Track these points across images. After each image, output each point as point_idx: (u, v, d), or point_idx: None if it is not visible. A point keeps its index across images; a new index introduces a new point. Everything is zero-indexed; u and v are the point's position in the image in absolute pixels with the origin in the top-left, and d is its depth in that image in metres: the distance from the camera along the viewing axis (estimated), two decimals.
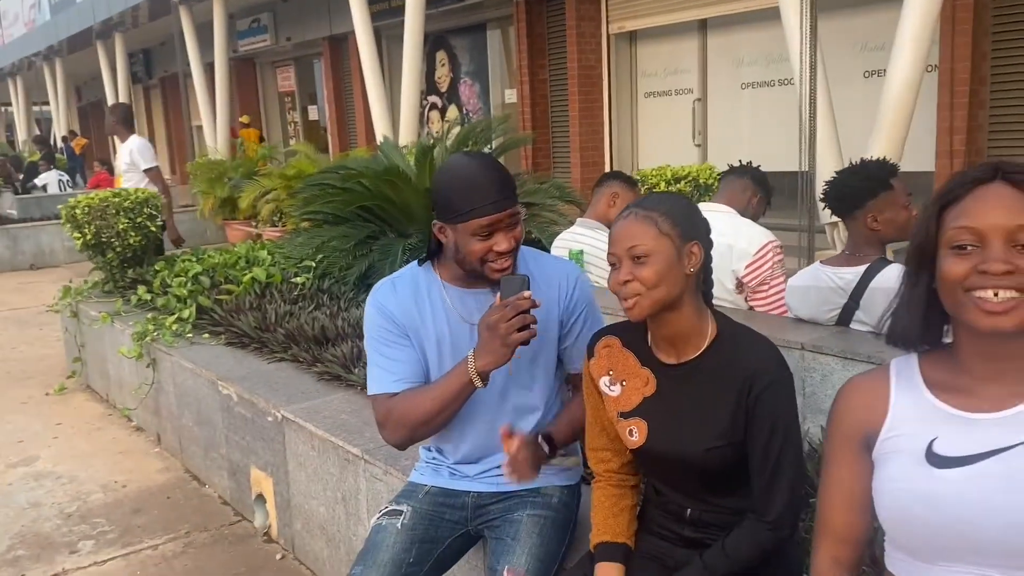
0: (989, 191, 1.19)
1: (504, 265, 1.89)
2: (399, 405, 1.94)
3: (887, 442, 1.28)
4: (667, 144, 10.30)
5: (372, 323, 2.02)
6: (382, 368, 1.99)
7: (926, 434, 1.24)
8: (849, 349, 2.33)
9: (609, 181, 3.72)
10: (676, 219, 1.62)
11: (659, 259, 1.58)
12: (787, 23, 5.59)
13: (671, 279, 1.59)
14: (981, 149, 7.15)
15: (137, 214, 5.49)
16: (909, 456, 1.24)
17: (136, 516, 3.83)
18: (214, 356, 4.12)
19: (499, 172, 1.88)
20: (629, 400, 1.74)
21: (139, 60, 22.84)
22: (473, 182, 1.84)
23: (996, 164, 1.21)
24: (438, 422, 1.94)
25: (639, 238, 1.59)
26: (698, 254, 1.63)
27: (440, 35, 13.23)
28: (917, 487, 1.21)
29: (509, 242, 1.88)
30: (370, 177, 5.21)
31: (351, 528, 2.93)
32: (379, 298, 2.03)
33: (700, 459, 1.66)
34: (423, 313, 2.00)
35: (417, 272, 2.06)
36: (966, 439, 1.20)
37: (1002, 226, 1.16)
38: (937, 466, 1.21)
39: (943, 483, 1.19)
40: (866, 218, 2.50)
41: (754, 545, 1.63)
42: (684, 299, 1.64)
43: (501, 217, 1.85)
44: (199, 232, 11.13)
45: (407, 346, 1.99)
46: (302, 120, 18.31)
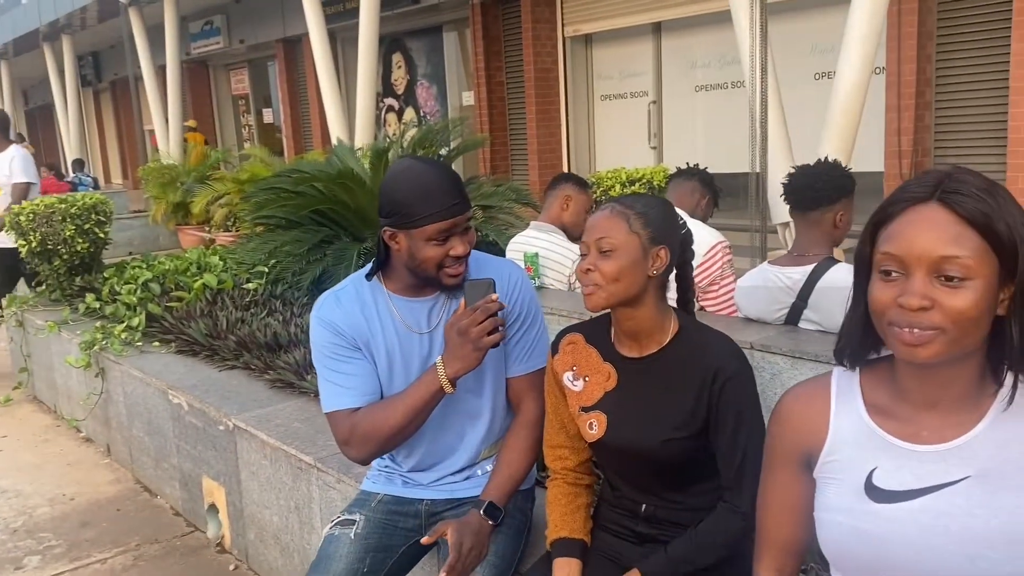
0: (921, 214, 1.10)
1: (459, 270, 1.89)
2: (364, 421, 1.89)
3: (826, 465, 1.24)
4: (623, 146, 10.37)
5: (320, 338, 1.96)
6: (337, 384, 1.94)
7: (865, 463, 1.19)
8: (798, 348, 2.35)
9: (561, 184, 3.73)
10: (649, 220, 1.67)
11: (623, 256, 1.64)
12: (738, 25, 5.65)
13: (631, 277, 1.64)
14: (928, 149, 7.30)
15: (85, 220, 5.37)
16: (848, 486, 1.20)
17: (84, 529, 3.74)
18: (164, 364, 4.04)
19: (452, 177, 1.87)
20: (591, 395, 1.77)
21: (88, 63, 22.40)
22: (429, 187, 1.82)
23: (938, 180, 1.12)
24: (407, 433, 1.91)
25: (608, 232, 1.65)
26: (664, 258, 1.67)
27: (396, 37, 13.17)
28: (855, 523, 1.17)
29: (465, 246, 1.87)
30: (324, 180, 5.16)
31: (305, 537, 2.89)
32: (324, 313, 1.98)
33: (656, 451, 1.68)
34: (372, 325, 1.97)
35: (360, 285, 2.01)
36: (905, 472, 1.16)
37: (926, 256, 1.08)
38: (876, 500, 1.17)
39: (881, 519, 1.16)
40: (835, 216, 2.53)
41: (726, 533, 1.65)
42: (646, 298, 1.68)
43: (458, 221, 1.84)
44: (151, 238, 10.92)
45: (360, 359, 1.95)
46: (256, 123, 18.11)
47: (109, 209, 5.60)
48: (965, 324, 1.08)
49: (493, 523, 1.92)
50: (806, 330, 2.54)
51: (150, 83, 13.91)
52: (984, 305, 1.08)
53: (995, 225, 1.07)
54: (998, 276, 1.08)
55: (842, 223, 2.56)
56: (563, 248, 3.53)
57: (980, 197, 1.08)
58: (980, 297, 1.07)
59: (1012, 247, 1.08)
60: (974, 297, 1.07)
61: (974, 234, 1.08)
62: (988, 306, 1.08)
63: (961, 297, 1.07)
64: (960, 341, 1.10)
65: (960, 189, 1.09)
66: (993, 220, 1.07)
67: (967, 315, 1.07)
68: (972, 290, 1.07)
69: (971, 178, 1.11)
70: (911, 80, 7.10)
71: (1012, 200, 1.11)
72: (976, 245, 1.07)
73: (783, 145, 5.63)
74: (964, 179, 1.11)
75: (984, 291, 1.08)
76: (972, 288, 1.07)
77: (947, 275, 1.07)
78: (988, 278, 1.08)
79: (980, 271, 1.07)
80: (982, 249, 1.08)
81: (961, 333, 1.09)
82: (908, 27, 7.00)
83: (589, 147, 11.00)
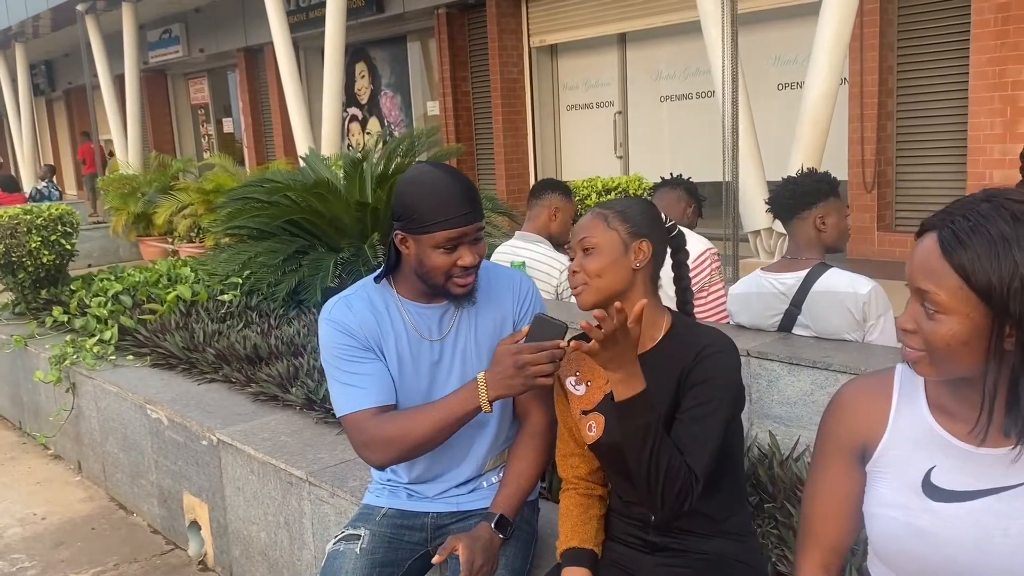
0: (920, 245, 1.14)
1: (467, 281, 1.87)
2: (389, 426, 1.85)
3: (882, 459, 1.24)
4: (590, 156, 10.44)
5: (331, 341, 1.92)
6: (352, 386, 1.90)
7: (924, 461, 1.20)
8: (795, 355, 2.38)
9: (548, 194, 3.70)
10: (628, 217, 1.73)
11: (604, 252, 1.69)
12: (708, 36, 5.72)
13: (615, 271, 1.69)
14: (890, 158, 7.46)
15: (51, 232, 5.24)
16: (905, 483, 1.21)
17: (58, 550, 3.64)
18: (140, 378, 3.95)
19: (467, 185, 1.85)
20: (592, 398, 1.79)
21: (41, 71, 21.94)
22: (444, 193, 1.80)
23: (954, 209, 1.12)
24: (434, 444, 1.87)
25: (589, 231, 1.72)
26: (646, 251, 1.71)
27: (359, 47, 13.11)
28: (911, 519, 1.18)
29: (474, 256, 1.84)
30: (297, 190, 5.10)
31: (295, 553, 2.84)
32: (335, 315, 1.94)
33: None
34: (383, 329, 1.94)
35: (371, 289, 1.98)
36: (965, 473, 1.16)
37: (912, 284, 1.14)
38: (934, 498, 1.18)
39: (939, 518, 1.16)
40: (815, 218, 2.58)
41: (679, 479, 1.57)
42: (633, 292, 1.70)
43: (468, 231, 1.82)
44: (111, 250, 10.71)
45: (374, 359, 1.92)
46: (217, 133, 17.88)
47: (76, 220, 5.48)
48: (945, 351, 1.11)
49: (503, 537, 1.91)
50: (801, 336, 2.57)
51: (107, 92, 13.67)
52: (964, 339, 1.09)
53: (972, 277, 1.07)
54: (988, 315, 1.08)
55: (826, 226, 2.60)
56: (550, 258, 3.53)
57: (966, 243, 1.08)
58: (959, 331, 1.09)
59: (1000, 298, 1.06)
60: (949, 331, 1.10)
61: (953, 274, 1.09)
62: (971, 340, 1.09)
63: (937, 327, 1.11)
64: (947, 366, 1.13)
65: (959, 228, 1.09)
66: (971, 272, 1.07)
67: (944, 345, 1.10)
68: (947, 324, 1.10)
69: (983, 216, 1.09)
70: (873, 91, 7.26)
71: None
72: (952, 285, 1.09)
73: (753, 154, 5.71)
74: (973, 215, 1.10)
75: (964, 326, 1.09)
76: (947, 322, 1.10)
77: (925, 304, 1.12)
78: (969, 315, 1.08)
79: (957, 308, 1.09)
80: (958, 289, 1.08)
81: (944, 358, 1.12)
82: (870, 39, 7.16)
83: (556, 157, 11.05)
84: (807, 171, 2.76)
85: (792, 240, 2.66)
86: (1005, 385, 1.10)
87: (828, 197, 2.61)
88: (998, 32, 6.45)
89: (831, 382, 2.33)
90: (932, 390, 1.23)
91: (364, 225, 4.91)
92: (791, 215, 2.62)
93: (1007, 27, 6.39)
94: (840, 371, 2.30)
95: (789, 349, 2.43)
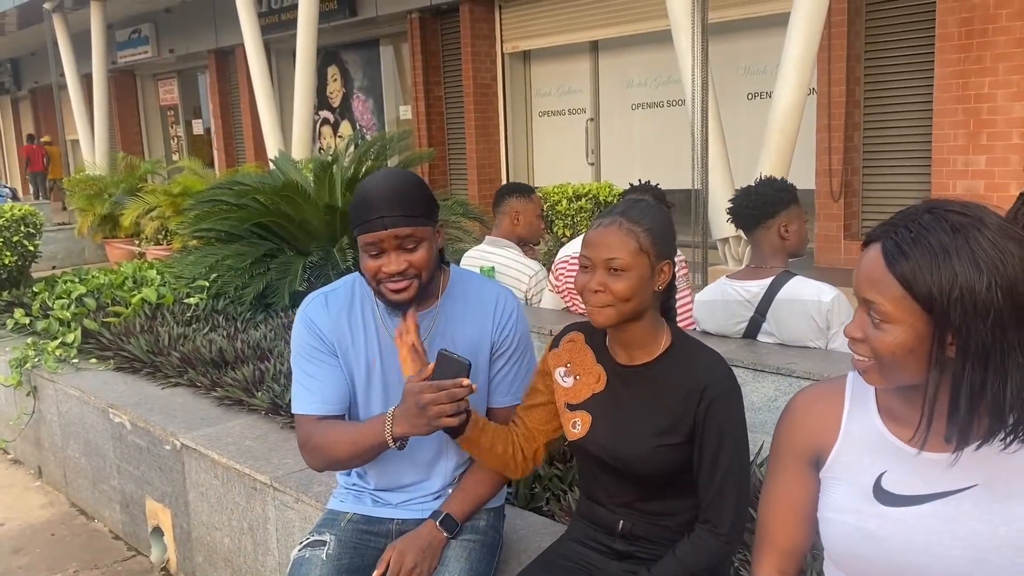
0: (866, 255, 1.17)
1: (399, 287, 1.79)
2: (317, 435, 1.87)
3: (835, 466, 1.26)
4: (562, 162, 10.46)
5: (298, 337, 1.95)
6: (305, 387, 1.93)
7: (875, 466, 1.22)
8: (759, 361, 2.40)
9: (506, 199, 3.74)
10: (656, 237, 1.63)
11: (634, 275, 1.60)
12: (679, 45, 5.77)
13: (641, 294, 1.62)
14: (857, 168, 7.56)
15: (13, 232, 5.16)
16: (857, 488, 1.22)
17: (17, 556, 3.57)
18: (103, 382, 3.90)
19: (400, 190, 1.76)
20: (579, 393, 1.77)
21: (6, 70, 21.60)
22: (368, 196, 1.76)
23: (897, 221, 1.15)
24: (353, 464, 1.90)
25: (619, 251, 1.60)
26: (668, 272, 1.66)
27: (331, 50, 13.05)
28: (863, 523, 1.20)
29: (398, 264, 1.77)
30: (266, 193, 5.07)
31: (259, 559, 2.81)
32: (309, 312, 1.95)
33: (636, 459, 1.68)
34: (355, 332, 1.94)
35: (355, 285, 1.98)
36: (914, 477, 1.19)
37: (858, 293, 1.16)
38: (884, 503, 1.20)
39: (889, 522, 1.18)
40: (779, 227, 2.60)
41: (710, 555, 1.64)
42: (647, 312, 1.68)
43: (384, 236, 1.75)
44: (76, 251, 10.56)
45: (332, 365, 1.93)
46: (186, 134, 17.70)
47: (39, 221, 5.40)
48: (891, 359, 1.13)
49: (448, 535, 1.89)
50: (766, 343, 2.59)
51: (74, 92, 13.48)
52: (909, 347, 1.11)
53: (914, 287, 1.09)
54: (930, 323, 1.10)
55: (789, 233, 2.63)
56: (519, 263, 3.54)
57: (908, 254, 1.10)
58: (903, 340, 1.11)
59: (941, 307, 1.08)
60: (894, 339, 1.12)
61: (896, 284, 1.11)
62: (915, 348, 1.11)
63: (883, 336, 1.13)
64: (894, 374, 1.15)
65: (901, 239, 1.12)
66: (912, 282, 1.10)
67: (889, 353, 1.13)
68: (892, 333, 1.12)
69: (924, 227, 1.11)
70: (841, 101, 7.36)
71: (967, 257, 1.08)
72: (896, 294, 1.11)
73: (722, 163, 5.77)
74: (915, 226, 1.12)
75: (908, 335, 1.11)
76: (892, 331, 1.12)
77: (871, 313, 1.14)
78: (913, 324, 1.10)
79: (901, 317, 1.11)
80: (901, 299, 1.11)
81: (890, 367, 1.14)
82: (837, 50, 7.26)
83: (528, 162, 11.07)
84: (766, 179, 2.77)
85: (756, 248, 2.69)
86: (946, 392, 1.12)
87: (790, 205, 2.65)
88: (961, 46, 6.57)
89: (794, 388, 2.36)
90: (882, 397, 1.26)
91: (333, 229, 4.89)
92: (755, 224, 2.65)
93: (970, 41, 6.51)
94: (803, 377, 2.33)
95: (753, 356, 2.45)
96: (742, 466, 1.65)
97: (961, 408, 1.10)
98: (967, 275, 1.07)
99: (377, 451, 1.82)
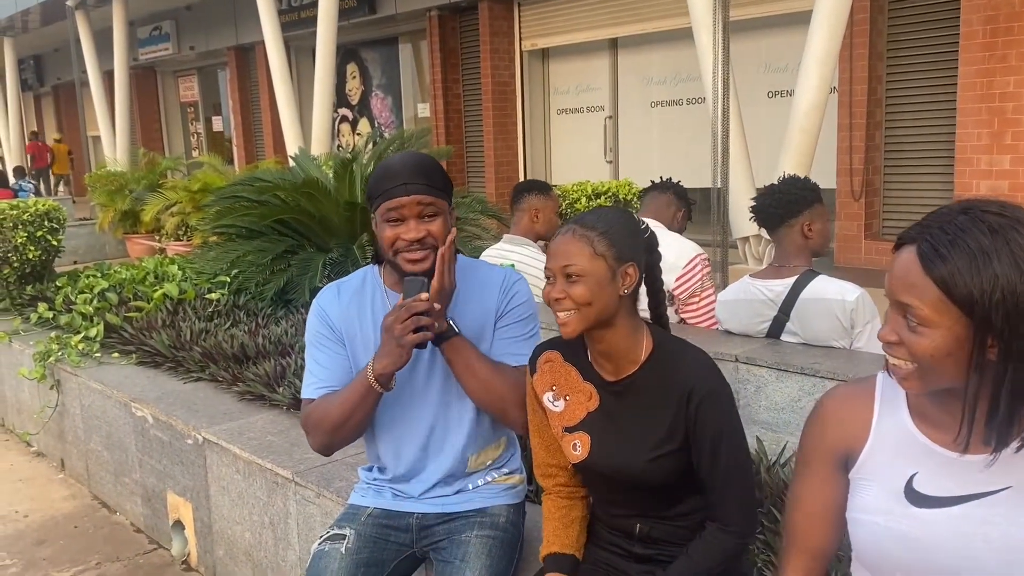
0: (900, 258, 1.15)
1: (416, 257, 1.84)
2: (315, 411, 1.94)
3: (866, 466, 1.25)
4: (580, 160, 10.45)
5: (310, 325, 2.03)
6: (311, 373, 2.00)
7: (906, 467, 1.21)
8: (782, 361, 2.38)
9: (525, 197, 3.73)
10: (613, 239, 1.61)
11: (591, 280, 1.59)
12: (699, 43, 5.74)
13: (603, 299, 1.59)
14: (878, 168, 7.51)
15: (37, 227, 5.21)
16: (887, 489, 1.21)
17: (40, 548, 3.61)
18: (125, 376, 3.93)
19: (420, 162, 1.86)
20: (573, 415, 1.74)
21: (29, 66, 21.78)
22: (389, 167, 1.85)
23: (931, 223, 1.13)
24: (349, 427, 1.91)
25: (573, 257, 1.59)
26: (633, 275, 1.63)
27: (351, 48, 13.09)
28: (893, 525, 1.19)
29: (418, 231, 1.82)
30: (287, 190, 5.08)
31: (280, 553, 2.83)
32: (321, 302, 2.03)
33: (641, 472, 1.67)
34: (363, 321, 1.98)
35: (369, 276, 2.04)
36: (947, 479, 1.18)
37: (892, 297, 1.14)
38: (916, 504, 1.19)
39: (921, 523, 1.17)
40: (803, 226, 2.59)
41: (724, 553, 1.64)
42: (618, 318, 1.64)
43: (406, 202, 1.82)
44: (98, 246, 10.65)
45: (338, 353, 1.98)
46: (206, 131, 17.81)
47: (62, 216, 5.45)
48: (929, 363, 1.12)
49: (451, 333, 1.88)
50: (789, 343, 2.58)
51: (96, 88, 13.60)
52: (948, 350, 1.10)
53: (954, 291, 1.08)
54: (970, 326, 1.08)
55: (813, 232, 2.62)
56: (537, 260, 3.53)
57: (946, 257, 1.08)
58: (941, 343, 1.10)
59: (982, 310, 1.06)
60: (932, 343, 1.10)
61: (934, 287, 1.09)
62: (954, 351, 1.10)
63: (920, 340, 1.11)
64: (932, 378, 1.13)
65: (937, 241, 1.10)
66: (952, 285, 1.08)
67: (928, 357, 1.11)
68: (930, 337, 1.10)
69: (961, 228, 1.09)
70: (862, 100, 7.30)
71: (1007, 259, 1.06)
72: (934, 298, 1.09)
73: (743, 161, 5.73)
74: (952, 228, 1.10)
75: (947, 339, 1.09)
76: (930, 335, 1.10)
77: (908, 317, 1.12)
78: (951, 328, 1.09)
79: (940, 321, 1.09)
80: (939, 302, 1.09)
81: (929, 371, 1.12)
82: (859, 48, 7.21)
83: (545, 160, 11.06)
84: (789, 178, 2.75)
85: (779, 247, 2.67)
86: (987, 396, 1.11)
87: (813, 204, 2.63)
88: (986, 44, 6.50)
89: (818, 388, 2.34)
90: (913, 399, 1.24)
91: (353, 225, 4.90)
92: (778, 223, 2.63)
93: (995, 39, 6.45)
94: (827, 377, 2.32)
95: (777, 355, 2.44)
96: (742, 460, 1.64)
97: (1001, 410, 1.09)
98: (1008, 277, 1.06)
99: (367, 403, 1.86)
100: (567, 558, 1.79)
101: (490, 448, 2.07)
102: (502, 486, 2.10)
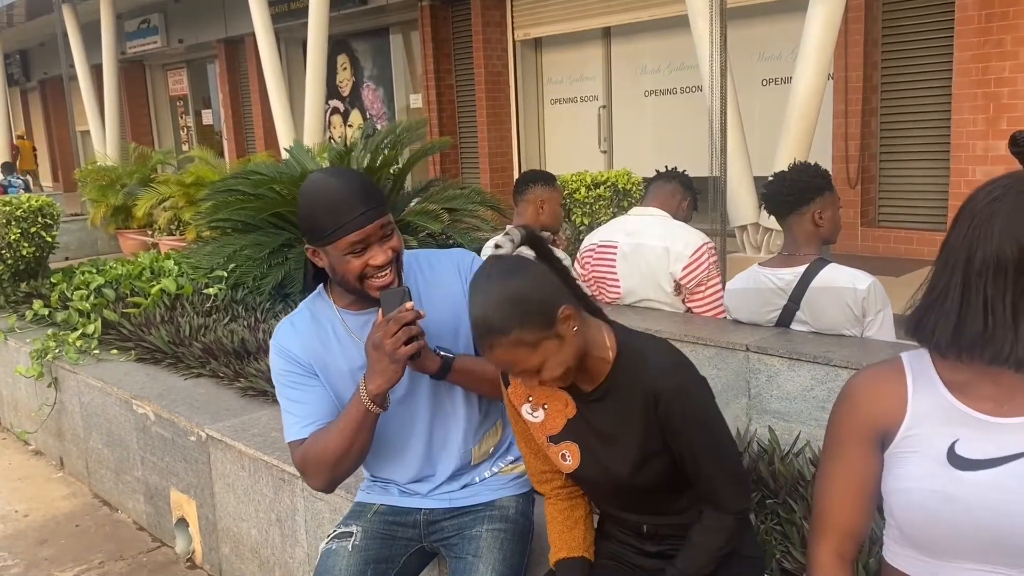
0: None
1: (384, 279, 1.79)
2: (311, 450, 1.83)
3: (905, 441, 1.26)
4: (574, 150, 10.42)
5: (276, 368, 1.92)
6: (291, 414, 1.89)
7: (946, 435, 1.22)
8: (794, 350, 2.37)
9: (531, 187, 3.68)
10: (531, 317, 1.48)
11: (548, 354, 1.52)
12: (696, 30, 5.71)
13: (567, 354, 1.53)
14: (874, 154, 7.51)
15: (31, 224, 5.15)
16: (930, 457, 1.22)
17: (42, 547, 3.58)
18: (125, 373, 3.89)
19: (362, 183, 1.77)
20: (554, 423, 1.70)
21: (15, 61, 21.60)
22: (336, 199, 1.73)
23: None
24: (353, 455, 1.83)
25: (523, 362, 1.52)
26: (573, 314, 1.53)
27: (341, 39, 13.01)
28: (938, 487, 1.20)
29: (385, 254, 1.77)
30: (283, 183, 5.04)
31: (287, 551, 2.81)
32: (279, 341, 1.92)
33: (631, 476, 1.64)
34: (329, 348, 1.90)
35: (318, 303, 1.95)
36: (988, 442, 1.19)
37: None
38: (960, 468, 1.20)
39: (964, 485, 1.19)
40: (814, 214, 2.56)
41: (724, 531, 1.62)
42: (589, 346, 1.60)
43: (371, 230, 1.74)
44: (90, 242, 10.56)
45: (313, 386, 1.89)
46: (196, 125, 17.70)
47: (56, 212, 5.39)
48: None
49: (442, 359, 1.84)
50: (800, 332, 2.56)
51: (84, 83, 13.48)
52: None
53: None
54: None
55: (824, 220, 2.59)
56: None
57: None
58: None
59: None
60: None
61: None
62: None
63: None
64: None
65: None
66: None
67: None
68: None
69: None
70: (858, 86, 7.30)
71: None
72: None
73: (740, 149, 5.72)
74: None
75: None
76: None
77: None
78: None
79: None
80: None
81: None
82: (855, 35, 7.19)
83: (539, 150, 11.03)
84: (799, 165, 2.71)
85: (789, 235, 2.65)
86: None
87: (824, 191, 2.60)
88: (981, 29, 6.50)
89: (831, 377, 2.33)
90: (944, 371, 1.26)
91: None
92: (789, 211, 2.60)
93: (991, 24, 6.44)
94: (840, 366, 2.30)
95: (789, 344, 2.42)
96: (723, 446, 1.61)
97: None
98: None
99: (367, 427, 1.79)
100: (576, 562, 1.77)
101: (489, 435, 2.04)
102: (509, 476, 2.07)
